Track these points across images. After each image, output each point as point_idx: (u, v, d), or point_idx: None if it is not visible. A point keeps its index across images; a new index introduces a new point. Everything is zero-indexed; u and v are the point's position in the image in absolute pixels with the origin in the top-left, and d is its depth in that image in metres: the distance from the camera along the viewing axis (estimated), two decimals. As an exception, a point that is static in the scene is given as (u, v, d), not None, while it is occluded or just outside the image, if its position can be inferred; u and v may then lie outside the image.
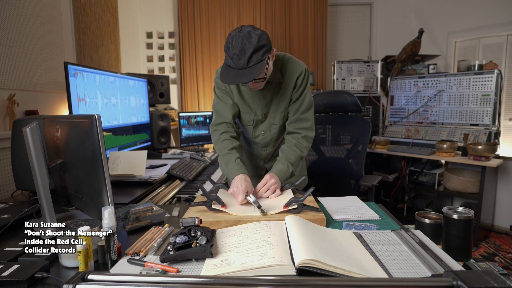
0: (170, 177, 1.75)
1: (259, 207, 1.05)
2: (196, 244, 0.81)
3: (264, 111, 1.40)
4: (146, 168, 1.77)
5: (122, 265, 0.78)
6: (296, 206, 1.06)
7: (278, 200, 1.16)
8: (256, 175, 1.60)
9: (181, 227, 0.87)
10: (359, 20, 4.40)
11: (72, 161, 1.00)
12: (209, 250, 0.79)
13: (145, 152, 1.63)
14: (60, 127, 1.03)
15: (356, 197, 1.35)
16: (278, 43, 4.10)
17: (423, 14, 4.03)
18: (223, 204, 1.08)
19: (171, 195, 1.52)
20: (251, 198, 1.10)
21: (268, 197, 1.21)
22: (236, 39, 1.11)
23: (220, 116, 1.39)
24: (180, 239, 0.81)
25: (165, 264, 0.77)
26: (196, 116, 2.93)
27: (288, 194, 1.19)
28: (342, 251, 0.79)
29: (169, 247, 0.79)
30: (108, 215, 0.77)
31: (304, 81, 1.35)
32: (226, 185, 1.30)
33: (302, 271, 0.69)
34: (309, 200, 1.17)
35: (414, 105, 3.39)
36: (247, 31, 1.12)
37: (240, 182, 1.15)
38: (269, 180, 1.22)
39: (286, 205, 1.06)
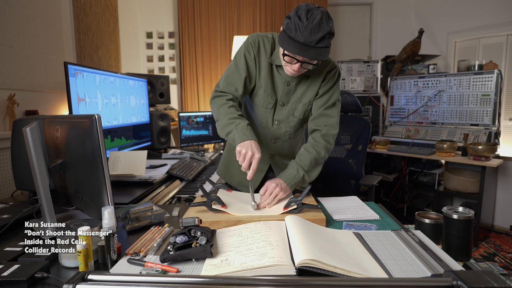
0: (170, 177, 1.75)
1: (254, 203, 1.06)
2: (196, 244, 0.81)
3: (283, 99, 1.29)
4: (146, 168, 1.77)
5: (122, 265, 0.78)
6: (295, 207, 1.06)
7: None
8: (259, 169, 1.45)
9: (181, 227, 0.87)
10: (359, 20, 4.40)
11: (72, 161, 1.00)
12: (209, 250, 0.79)
13: (145, 152, 1.63)
14: (60, 127, 1.03)
15: (356, 197, 1.35)
16: (278, 43, 4.10)
17: (423, 14, 4.03)
18: (223, 204, 1.08)
19: (171, 195, 1.52)
20: (253, 205, 1.09)
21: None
22: (313, 13, 1.02)
23: (230, 84, 1.25)
24: (180, 239, 0.81)
25: (165, 264, 0.77)
26: (196, 116, 2.93)
27: (288, 195, 1.19)
28: (342, 251, 0.79)
29: (169, 247, 0.79)
30: (108, 215, 0.77)
31: (335, 77, 1.27)
32: (226, 185, 1.30)
33: (302, 271, 0.69)
34: (308, 200, 1.17)
35: (414, 105, 3.39)
36: (326, 11, 1.05)
37: (257, 148, 1.07)
38: (269, 185, 1.13)
39: (286, 207, 1.06)
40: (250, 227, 0.95)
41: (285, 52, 1.09)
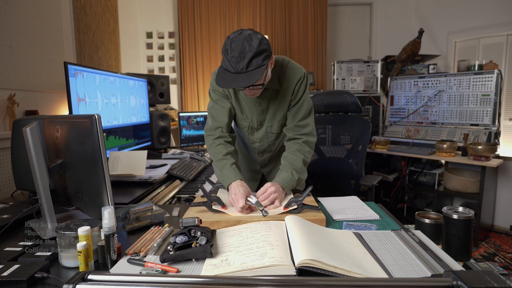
0: (170, 177, 1.75)
1: (262, 209, 1.05)
2: (196, 244, 0.81)
3: (260, 119, 1.34)
4: (146, 168, 1.77)
5: (122, 265, 0.78)
6: (296, 207, 1.06)
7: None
8: (252, 178, 1.57)
9: (181, 227, 0.87)
10: (359, 20, 4.40)
11: (72, 161, 1.00)
12: (209, 250, 0.79)
13: (145, 152, 1.63)
14: (60, 127, 1.03)
15: (356, 197, 1.35)
16: (278, 43, 4.10)
17: (423, 14, 4.03)
18: (223, 205, 1.08)
19: (171, 195, 1.52)
20: (252, 200, 1.07)
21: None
22: (236, 41, 1.06)
23: (215, 120, 1.32)
24: (180, 239, 0.81)
25: (165, 264, 0.77)
26: (196, 116, 2.93)
27: (288, 196, 1.19)
28: (342, 251, 0.79)
29: (169, 247, 0.79)
30: (108, 215, 0.77)
31: (302, 86, 1.29)
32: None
33: (302, 271, 0.69)
34: (309, 200, 1.17)
35: (414, 105, 3.39)
36: (248, 34, 1.07)
37: (237, 188, 1.09)
38: (269, 188, 1.13)
39: (286, 206, 1.06)
40: (250, 227, 0.95)
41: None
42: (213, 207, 1.08)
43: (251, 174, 1.57)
